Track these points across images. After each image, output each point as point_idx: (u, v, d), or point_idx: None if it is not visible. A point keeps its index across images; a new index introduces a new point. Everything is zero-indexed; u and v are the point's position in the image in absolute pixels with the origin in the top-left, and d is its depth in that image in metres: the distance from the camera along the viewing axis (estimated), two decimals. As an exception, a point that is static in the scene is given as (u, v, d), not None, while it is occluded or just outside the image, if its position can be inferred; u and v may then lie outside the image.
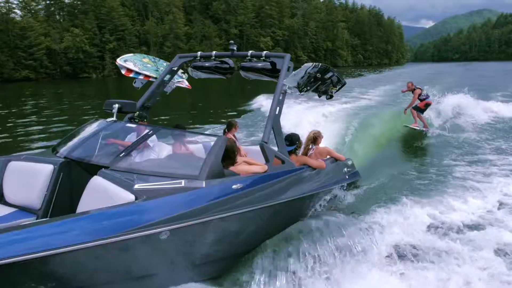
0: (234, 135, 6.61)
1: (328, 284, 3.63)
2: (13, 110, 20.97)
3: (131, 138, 4.51)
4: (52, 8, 71.40)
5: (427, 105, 11.04)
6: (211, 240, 3.58)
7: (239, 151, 6.45)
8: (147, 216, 3.08)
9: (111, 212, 3.00)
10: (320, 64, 4.45)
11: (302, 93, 4.75)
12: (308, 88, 4.60)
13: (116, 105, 4.43)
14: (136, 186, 3.31)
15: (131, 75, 5.57)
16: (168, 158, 4.26)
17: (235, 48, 5.32)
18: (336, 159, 5.95)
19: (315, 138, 5.85)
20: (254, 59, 5.23)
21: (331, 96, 5.09)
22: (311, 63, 4.31)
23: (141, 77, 5.64)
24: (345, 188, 5.90)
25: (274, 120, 4.50)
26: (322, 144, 6.18)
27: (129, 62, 5.61)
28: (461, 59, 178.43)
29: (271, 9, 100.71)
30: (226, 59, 5.67)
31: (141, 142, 4.07)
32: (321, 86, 4.86)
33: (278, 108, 4.57)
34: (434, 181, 7.00)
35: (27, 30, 61.72)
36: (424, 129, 10.94)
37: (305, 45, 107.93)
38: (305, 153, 5.68)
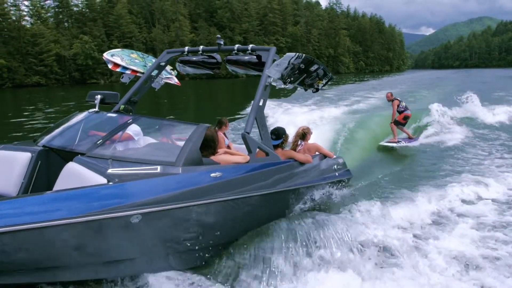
0: (224, 133, 6.44)
1: (306, 279, 3.42)
2: (24, 113, 21.05)
3: None
4: (61, 16, 72.10)
5: (406, 117, 10.43)
6: (188, 228, 3.41)
7: (230, 148, 6.29)
8: (117, 198, 2.96)
9: (77, 192, 2.88)
10: (304, 55, 4.25)
11: (287, 85, 4.56)
12: (292, 79, 4.40)
13: (99, 96, 4.40)
14: (110, 171, 3.19)
15: (118, 69, 5.42)
16: (146, 146, 4.12)
17: (222, 42, 5.18)
18: (325, 156, 5.75)
19: (304, 134, 5.68)
20: (241, 53, 5.07)
21: (317, 90, 4.90)
22: (294, 53, 4.11)
23: (128, 71, 5.48)
24: (335, 185, 5.69)
25: (257, 111, 4.33)
26: (316, 141, 6.02)
27: (116, 56, 5.47)
28: (462, 66, 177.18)
29: (275, 17, 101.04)
30: (214, 54, 5.51)
31: (119, 130, 3.92)
32: (306, 79, 4.68)
33: (262, 100, 4.40)
34: (422, 181, 6.83)
35: (38, 37, 62.34)
36: (407, 143, 10.21)
37: (308, 52, 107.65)
38: (294, 149, 5.50)
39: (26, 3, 66.24)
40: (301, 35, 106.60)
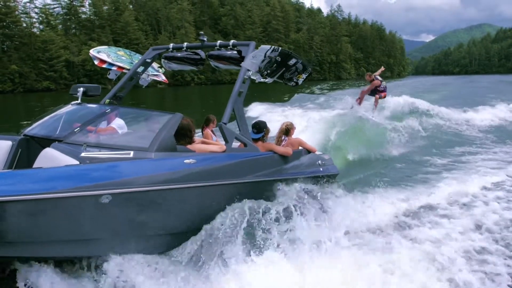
0: (212, 130, 6.39)
1: (277, 266, 3.37)
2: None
3: (103, 125, 4.37)
4: (68, 23, 72.78)
5: (383, 96, 10.75)
6: (158, 212, 3.37)
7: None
8: (87, 178, 2.95)
9: (46, 170, 2.90)
10: (281, 48, 4.21)
11: (266, 79, 4.51)
12: (269, 72, 4.34)
13: (81, 89, 4.42)
14: (83, 154, 3.21)
15: (104, 65, 5.41)
16: (123, 134, 4.10)
17: (205, 39, 5.19)
18: (309, 151, 5.68)
19: (287, 130, 5.64)
20: (223, 49, 5.04)
21: (297, 84, 4.84)
22: (270, 46, 4.06)
23: (114, 68, 5.46)
24: (318, 180, 5.59)
25: (235, 103, 4.29)
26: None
27: (102, 53, 5.46)
28: (462, 72, 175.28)
29: (278, 24, 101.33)
30: (198, 51, 5.49)
31: (97, 120, 3.94)
32: (286, 73, 4.63)
33: (240, 91, 4.36)
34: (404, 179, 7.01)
35: (48, 43, 62.93)
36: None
37: (311, 58, 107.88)
38: (278, 144, 5.43)
39: (36, 10, 67.14)
40: (304, 41, 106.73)
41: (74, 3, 72.80)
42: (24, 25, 63.61)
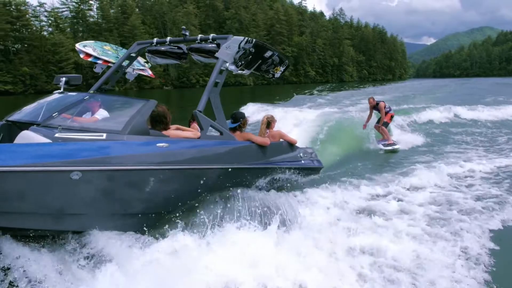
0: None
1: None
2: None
3: (87, 116, 4.38)
4: (76, 26, 73.34)
5: (392, 117, 10.14)
6: (129, 191, 3.37)
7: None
8: (58, 154, 2.98)
9: (17, 146, 2.95)
10: (255, 39, 4.19)
11: (244, 71, 4.49)
12: (244, 63, 4.32)
13: (63, 79, 4.46)
14: (57, 135, 3.25)
15: (90, 59, 5.41)
16: (100, 120, 4.11)
17: (187, 33, 5.18)
18: (292, 144, 5.66)
19: (268, 123, 5.62)
20: (203, 42, 5.03)
21: (273, 76, 4.82)
22: (244, 37, 4.05)
23: (100, 62, 5.46)
24: (299, 172, 5.55)
25: (210, 92, 4.29)
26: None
27: (88, 47, 5.47)
28: (463, 75, 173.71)
29: (281, 27, 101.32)
30: (181, 45, 5.48)
31: (75, 105, 3.94)
32: (262, 65, 4.61)
33: (217, 81, 4.36)
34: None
35: (58, 46, 63.45)
36: (390, 145, 9.60)
37: (313, 61, 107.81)
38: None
39: (46, 14, 67.78)
40: (307, 44, 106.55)
41: (82, 7, 73.44)
42: (35, 28, 64.24)
